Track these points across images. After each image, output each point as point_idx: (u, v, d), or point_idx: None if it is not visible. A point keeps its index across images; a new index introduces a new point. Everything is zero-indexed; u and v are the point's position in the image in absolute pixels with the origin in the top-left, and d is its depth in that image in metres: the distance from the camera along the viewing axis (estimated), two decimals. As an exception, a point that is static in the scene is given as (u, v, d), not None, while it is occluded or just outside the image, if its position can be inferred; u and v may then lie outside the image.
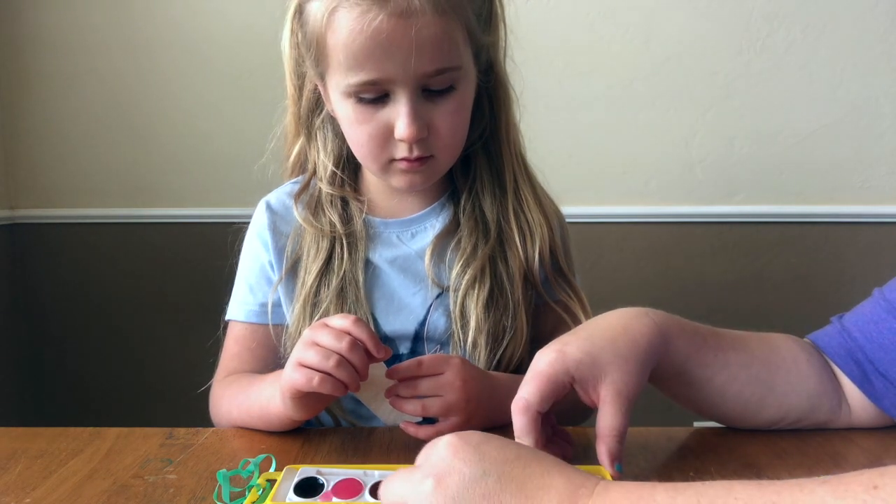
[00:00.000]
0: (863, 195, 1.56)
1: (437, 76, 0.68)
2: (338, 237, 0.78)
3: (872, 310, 0.63)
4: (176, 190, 1.63)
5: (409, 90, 0.67)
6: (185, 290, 1.64)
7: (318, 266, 0.77)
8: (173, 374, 1.58)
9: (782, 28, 1.51)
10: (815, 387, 0.64)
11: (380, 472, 0.55)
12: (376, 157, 0.72)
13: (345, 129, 0.74)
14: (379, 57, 0.65)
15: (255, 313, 0.81)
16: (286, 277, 0.79)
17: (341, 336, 0.60)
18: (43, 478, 0.58)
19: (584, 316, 0.80)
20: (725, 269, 1.60)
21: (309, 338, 0.62)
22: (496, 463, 0.41)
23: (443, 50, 0.67)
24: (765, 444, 0.62)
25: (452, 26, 0.67)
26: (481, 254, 0.77)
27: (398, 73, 0.66)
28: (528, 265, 0.78)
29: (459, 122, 0.73)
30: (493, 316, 0.76)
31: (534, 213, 0.80)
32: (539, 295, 0.81)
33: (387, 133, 0.70)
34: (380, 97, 0.69)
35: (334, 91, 0.71)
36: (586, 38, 1.53)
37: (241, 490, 0.54)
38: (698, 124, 1.56)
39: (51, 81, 1.60)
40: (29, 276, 1.68)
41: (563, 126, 1.55)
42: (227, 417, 0.73)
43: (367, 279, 0.78)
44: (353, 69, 0.66)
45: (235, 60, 1.56)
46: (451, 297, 0.77)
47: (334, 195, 0.81)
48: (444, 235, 0.80)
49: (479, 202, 0.80)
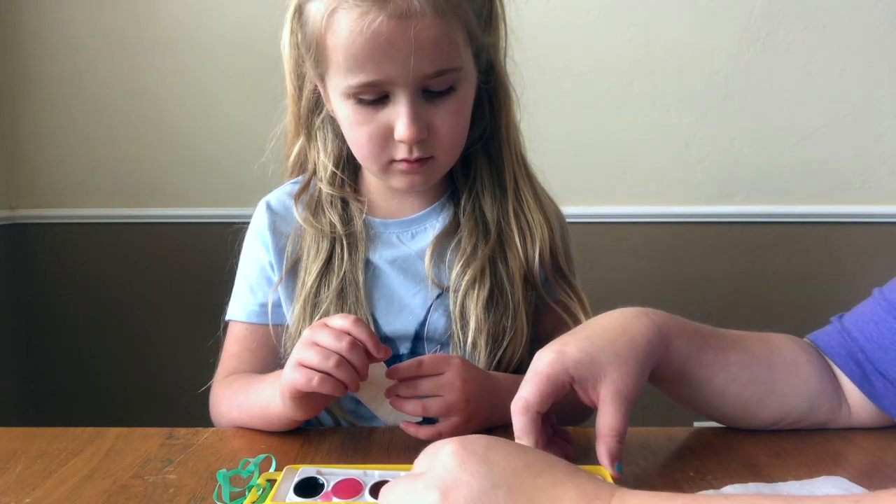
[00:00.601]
0: (863, 195, 1.57)
1: (437, 77, 0.68)
2: (338, 237, 0.78)
3: (872, 310, 0.63)
4: (176, 190, 1.63)
5: (408, 91, 0.67)
6: (185, 290, 1.64)
7: (319, 267, 0.77)
8: (173, 374, 1.58)
9: (782, 28, 1.51)
10: (815, 387, 0.64)
11: (380, 472, 0.55)
12: (376, 159, 0.72)
13: (345, 130, 0.74)
14: (378, 58, 0.65)
15: (256, 313, 0.81)
16: (286, 278, 0.79)
17: (341, 336, 0.60)
18: (43, 478, 0.58)
19: (585, 316, 0.80)
20: (725, 269, 1.60)
21: (309, 338, 0.62)
22: (505, 474, 0.39)
23: (442, 51, 0.66)
24: (765, 444, 0.62)
25: (452, 27, 0.67)
26: (481, 254, 0.77)
27: (398, 75, 0.66)
28: (528, 265, 0.78)
29: (459, 123, 0.73)
30: (493, 316, 0.76)
31: (534, 214, 0.80)
32: (539, 295, 0.80)
33: (387, 134, 0.70)
34: (379, 98, 0.68)
35: (334, 92, 0.71)
36: (586, 38, 1.53)
37: (241, 490, 0.54)
38: (698, 124, 1.56)
39: (51, 81, 1.60)
40: (29, 276, 1.68)
41: (563, 126, 1.55)
42: (228, 417, 0.73)
43: (368, 279, 0.78)
44: (352, 70, 0.66)
45: (235, 60, 1.56)
46: (451, 297, 0.77)
47: (334, 195, 0.81)
48: (444, 236, 0.80)
49: (480, 202, 0.80)
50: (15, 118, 1.62)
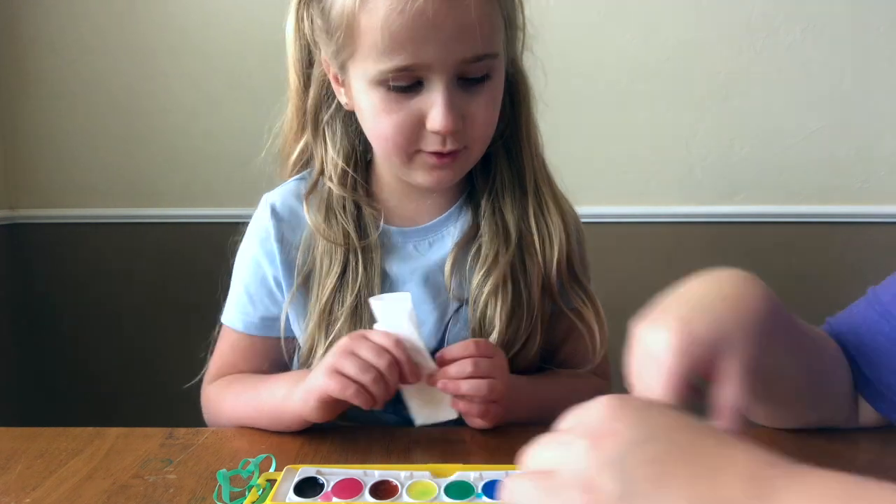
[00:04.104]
0: (863, 195, 1.56)
1: (476, 63, 0.64)
2: (352, 248, 0.74)
3: (865, 312, 0.63)
4: (176, 190, 1.63)
5: (445, 77, 0.63)
6: (185, 290, 1.64)
7: (333, 282, 0.73)
8: (173, 374, 1.57)
9: (782, 28, 1.51)
10: (846, 390, 0.63)
11: (380, 472, 0.55)
12: (403, 150, 0.67)
13: (367, 121, 0.69)
14: (419, 40, 0.61)
15: (255, 326, 0.78)
16: (297, 293, 0.75)
17: (382, 353, 0.61)
18: (43, 478, 0.58)
19: (598, 324, 0.76)
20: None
21: (348, 347, 0.62)
22: (663, 429, 0.35)
23: (484, 35, 0.63)
24: (765, 443, 0.62)
25: (494, 10, 0.64)
26: (503, 261, 0.73)
27: (437, 58, 0.62)
28: (547, 272, 0.75)
29: (493, 113, 0.69)
30: (513, 324, 0.74)
31: (554, 218, 0.76)
32: (555, 303, 0.78)
33: (417, 124, 0.65)
34: (412, 85, 0.64)
35: (359, 80, 0.66)
36: (586, 39, 1.53)
37: (241, 490, 0.54)
38: (698, 124, 1.55)
39: (51, 81, 1.60)
40: (29, 276, 1.68)
41: (562, 126, 1.54)
42: (230, 414, 0.73)
43: (385, 293, 0.73)
44: (388, 53, 0.62)
45: (235, 60, 1.56)
46: (472, 306, 0.74)
47: (346, 198, 0.76)
48: (463, 243, 0.76)
49: (500, 205, 0.76)
50: (15, 118, 1.62)
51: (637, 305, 0.60)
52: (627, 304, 0.60)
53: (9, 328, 1.66)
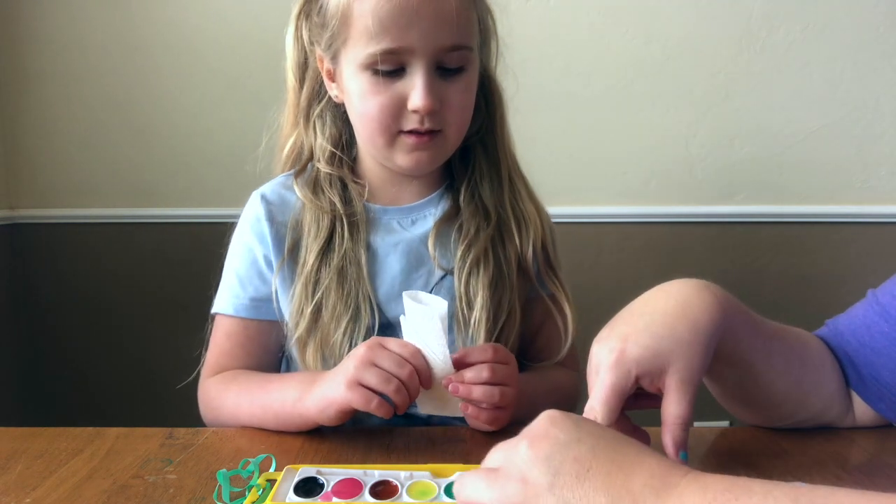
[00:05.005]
0: (863, 195, 1.56)
1: (454, 52, 0.72)
2: (338, 216, 0.79)
3: (865, 313, 0.63)
4: (176, 190, 1.63)
5: (426, 63, 0.71)
6: (184, 290, 1.64)
7: (320, 245, 0.78)
8: (173, 374, 1.57)
9: (782, 28, 1.51)
10: (833, 389, 0.63)
11: (380, 472, 0.55)
12: (386, 129, 0.74)
13: (354, 105, 0.75)
14: (404, 25, 0.69)
15: (246, 307, 0.80)
16: (285, 263, 0.79)
17: (403, 364, 0.62)
18: (43, 478, 0.58)
19: (569, 307, 0.82)
20: (725, 269, 1.60)
21: (367, 357, 0.62)
22: (590, 436, 0.41)
23: (461, 27, 0.71)
24: (765, 443, 0.63)
25: (470, 8, 0.73)
26: (484, 236, 0.79)
27: (419, 43, 0.69)
28: (523, 254, 0.81)
29: (468, 101, 0.76)
30: (496, 295, 0.78)
31: (528, 206, 0.83)
32: (532, 287, 0.83)
33: (399, 105, 0.72)
34: (396, 70, 0.71)
35: (349, 66, 0.73)
36: (586, 38, 1.53)
37: (241, 490, 0.54)
38: (698, 124, 1.55)
39: (51, 81, 1.60)
40: (29, 276, 1.68)
41: (562, 126, 1.55)
42: (232, 411, 0.73)
43: (369, 263, 0.78)
44: (376, 37, 0.69)
45: (235, 60, 1.56)
46: (456, 276, 0.78)
47: (333, 175, 0.81)
48: (444, 220, 0.81)
49: (479, 190, 0.83)
50: (15, 118, 1.62)
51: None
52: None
53: (9, 328, 1.66)
